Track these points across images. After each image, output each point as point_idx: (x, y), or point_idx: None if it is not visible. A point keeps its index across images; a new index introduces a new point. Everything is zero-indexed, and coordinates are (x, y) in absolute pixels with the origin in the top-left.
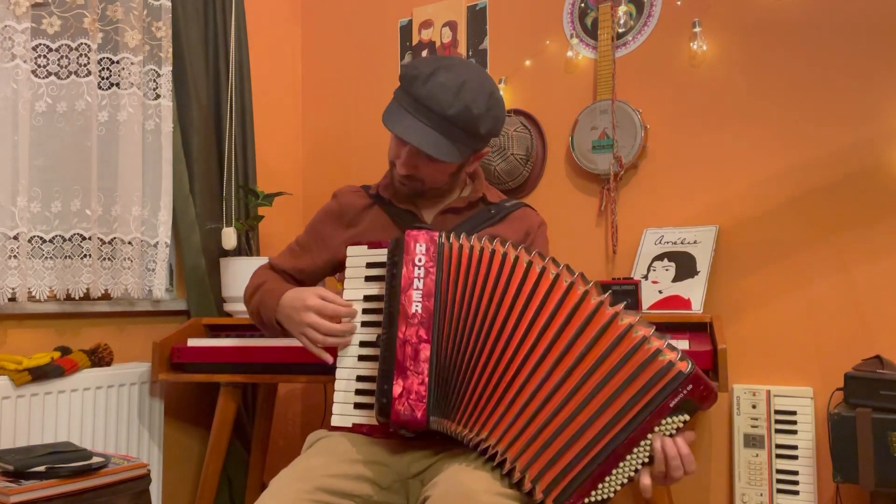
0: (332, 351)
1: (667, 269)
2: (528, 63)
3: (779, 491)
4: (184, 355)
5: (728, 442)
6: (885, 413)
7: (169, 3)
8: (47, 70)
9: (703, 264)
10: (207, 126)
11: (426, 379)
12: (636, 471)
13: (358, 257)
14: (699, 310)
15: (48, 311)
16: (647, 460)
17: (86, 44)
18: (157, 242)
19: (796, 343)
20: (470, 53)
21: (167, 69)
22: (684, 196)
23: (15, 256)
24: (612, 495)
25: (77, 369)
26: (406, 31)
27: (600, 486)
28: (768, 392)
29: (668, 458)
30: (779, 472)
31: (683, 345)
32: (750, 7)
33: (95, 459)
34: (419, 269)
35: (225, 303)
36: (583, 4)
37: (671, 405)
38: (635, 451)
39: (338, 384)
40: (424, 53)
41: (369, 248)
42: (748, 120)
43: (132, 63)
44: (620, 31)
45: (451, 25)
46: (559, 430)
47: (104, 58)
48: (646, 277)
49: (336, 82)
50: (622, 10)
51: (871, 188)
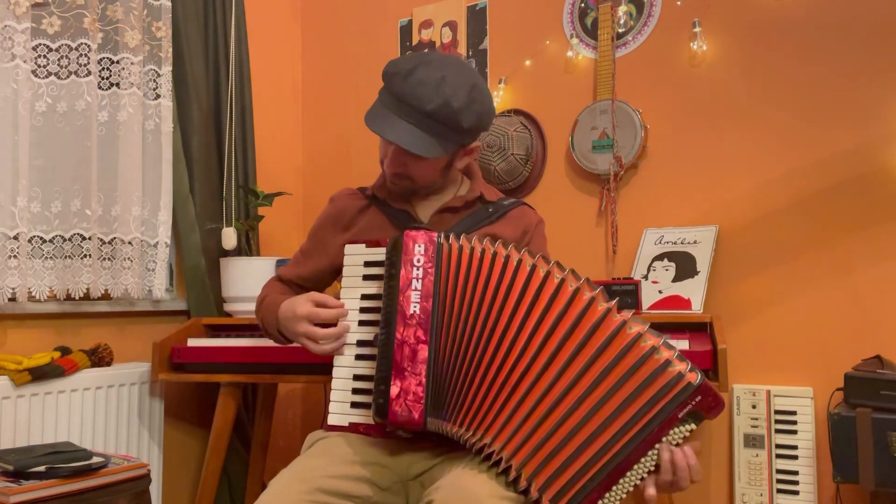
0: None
1: (667, 269)
2: (528, 63)
3: (779, 491)
4: (184, 355)
5: (728, 442)
6: (885, 413)
7: (169, 3)
8: (47, 70)
9: (703, 264)
10: (207, 126)
11: (424, 380)
12: (641, 479)
13: (356, 256)
14: (699, 310)
15: (48, 311)
16: (652, 468)
17: (86, 44)
18: (157, 242)
19: (796, 343)
20: (470, 53)
21: (167, 69)
22: (684, 196)
23: (15, 256)
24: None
25: (77, 369)
26: (406, 31)
27: (607, 495)
28: (768, 392)
29: (676, 468)
30: (779, 472)
31: (683, 345)
32: (750, 7)
33: (95, 459)
34: (418, 269)
35: (225, 303)
36: (583, 4)
37: (680, 416)
38: (643, 460)
39: (335, 383)
40: None
41: (367, 246)
42: (748, 120)
43: (132, 63)
44: (620, 31)
45: (451, 25)
46: (567, 438)
47: (104, 58)
48: (646, 277)
49: (336, 82)
50: (622, 10)
51: (871, 188)
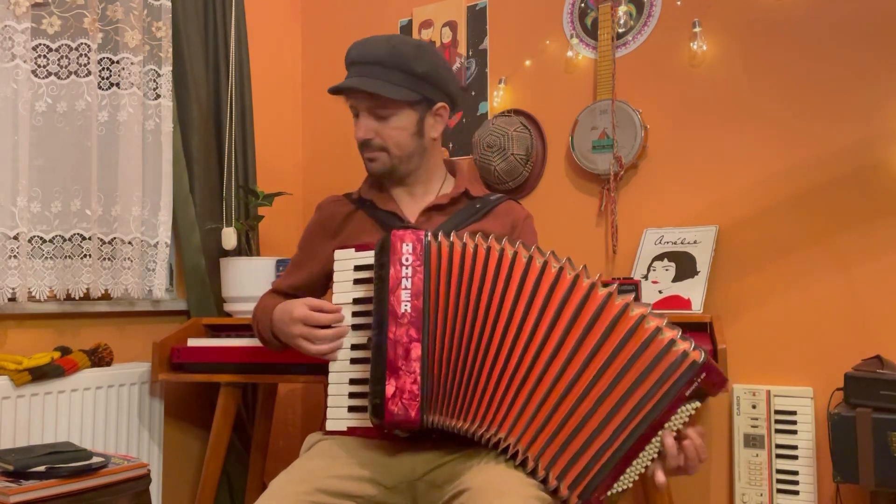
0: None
1: (667, 269)
2: (528, 63)
3: (779, 491)
4: (184, 355)
5: (728, 442)
6: (885, 413)
7: (169, 3)
8: (47, 70)
9: (703, 264)
10: (207, 126)
11: (419, 378)
12: (652, 460)
13: (345, 261)
14: (699, 310)
15: (48, 311)
16: (661, 448)
17: (86, 44)
18: (157, 242)
19: (796, 343)
20: (470, 53)
21: (167, 69)
22: (684, 196)
23: (15, 256)
24: (629, 486)
25: (77, 369)
26: (406, 31)
27: (621, 477)
28: (768, 392)
29: (686, 448)
30: (779, 472)
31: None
32: (750, 6)
33: (95, 459)
34: (406, 268)
35: (225, 303)
36: (583, 4)
37: (687, 394)
38: (654, 440)
39: (331, 388)
40: None
41: (357, 250)
42: (748, 120)
43: (132, 63)
44: (620, 31)
45: (451, 25)
46: (580, 425)
47: (104, 58)
48: (646, 277)
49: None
50: (622, 10)
51: (871, 188)
